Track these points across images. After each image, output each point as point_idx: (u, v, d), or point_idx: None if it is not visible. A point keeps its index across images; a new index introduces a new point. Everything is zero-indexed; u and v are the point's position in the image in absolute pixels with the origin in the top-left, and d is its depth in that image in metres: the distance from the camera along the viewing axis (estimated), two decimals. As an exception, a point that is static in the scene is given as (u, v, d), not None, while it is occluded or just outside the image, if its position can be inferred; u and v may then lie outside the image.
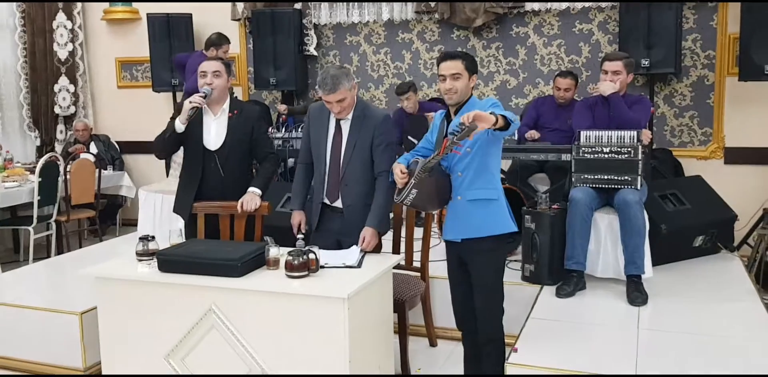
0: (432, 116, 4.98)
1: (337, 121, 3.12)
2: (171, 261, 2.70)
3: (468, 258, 2.79)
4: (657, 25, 4.82)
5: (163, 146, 3.41)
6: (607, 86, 3.67)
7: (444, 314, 3.78)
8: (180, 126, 3.30)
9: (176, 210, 3.55)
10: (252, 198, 3.31)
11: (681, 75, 5.18)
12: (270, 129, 5.54)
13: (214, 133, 3.39)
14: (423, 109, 5.37)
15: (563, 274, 3.67)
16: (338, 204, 3.17)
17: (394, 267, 3.02)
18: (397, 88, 5.39)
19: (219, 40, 5.64)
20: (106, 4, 6.73)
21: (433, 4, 5.62)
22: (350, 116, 3.09)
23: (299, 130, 5.42)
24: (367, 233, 3.01)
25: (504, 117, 2.52)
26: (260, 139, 3.51)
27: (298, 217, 3.27)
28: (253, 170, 3.66)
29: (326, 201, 3.19)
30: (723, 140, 5.16)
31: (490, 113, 2.47)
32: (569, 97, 4.83)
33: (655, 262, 3.75)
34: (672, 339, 3.01)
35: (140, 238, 2.89)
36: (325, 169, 3.15)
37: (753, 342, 2.96)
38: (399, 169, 2.73)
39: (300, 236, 3.06)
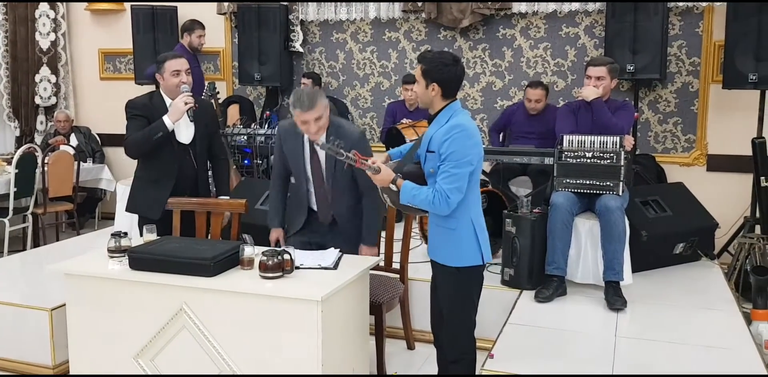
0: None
1: (311, 145, 3.06)
2: (142, 259, 2.65)
3: (435, 275, 2.74)
4: (643, 31, 4.82)
5: (148, 147, 3.32)
6: (589, 91, 3.66)
7: (422, 316, 3.74)
8: (171, 125, 3.29)
9: (143, 210, 3.45)
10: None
11: (666, 81, 5.19)
12: (253, 125, 5.50)
13: (184, 127, 3.39)
14: (419, 110, 5.35)
15: (543, 279, 3.65)
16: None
17: (373, 268, 2.99)
18: (406, 76, 5.40)
19: (191, 25, 5.69)
20: (90, -5, 6.64)
21: (420, 3, 5.58)
22: (323, 138, 2.95)
23: (282, 127, 5.37)
24: (366, 251, 3.15)
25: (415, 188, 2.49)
26: (215, 132, 3.62)
27: (276, 234, 3.32)
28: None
29: (314, 207, 3.26)
30: (706, 147, 5.17)
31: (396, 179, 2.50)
32: (540, 107, 4.91)
33: (635, 269, 3.75)
34: (649, 348, 3.00)
35: (112, 234, 2.83)
36: (309, 187, 3.20)
37: (729, 351, 2.96)
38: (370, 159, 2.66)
39: (246, 236, 3.03)
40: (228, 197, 3.54)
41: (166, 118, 3.29)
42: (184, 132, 3.40)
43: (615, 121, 3.63)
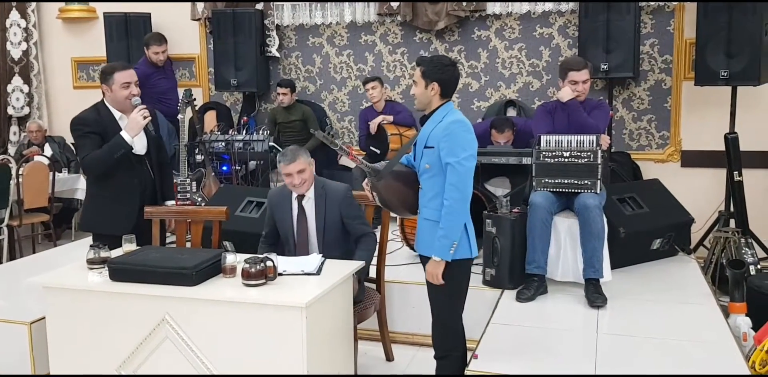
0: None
1: (300, 203, 3.20)
2: (123, 270, 2.62)
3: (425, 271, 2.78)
4: (616, 30, 4.89)
5: (110, 165, 3.24)
6: (565, 93, 3.70)
7: (402, 318, 3.76)
8: (131, 140, 3.24)
9: (108, 227, 3.29)
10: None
11: (639, 79, 5.26)
12: (231, 131, 5.48)
13: (137, 138, 3.32)
14: (389, 108, 5.37)
15: (524, 278, 3.68)
16: None
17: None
18: (365, 79, 5.43)
19: (147, 41, 5.70)
20: (61, 3, 6.56)
21: (395, 6, 5.60)
22: (312, 195, 3.18)
23: (260, 132, 5.36)
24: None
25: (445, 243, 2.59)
26: (159, 138, 3.57)
27: None
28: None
29: None
30: (680, 143, 5.25)
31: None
32: (509, 144, 4.65)
33: (614, 265, 3.79)
34: (631, 343, 3.04)
35: (91, 246, 2.81)
36: (294, 251, 3.21)
37: (709, 344, 3.01)
38: (364, 182, 2.79)
39: (227, 243, 3.02)
40: (173, 201, 3.52)
41: (125, 135, 3.22)
42: (138, 142, 3.32)
43: (591, 122, 3.67)
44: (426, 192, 2.68)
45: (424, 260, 2.74)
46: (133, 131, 3.23)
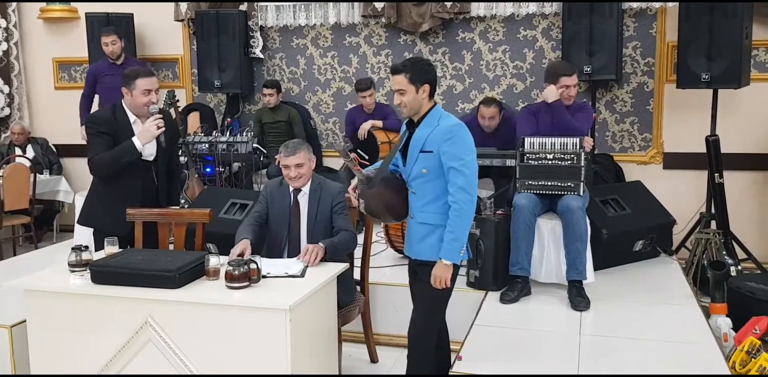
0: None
1: (295, 197, 3.21)
2: (104, 273, 2.60)
3: (414, 276, 2.78)
4: (599, 33, 4.92)
5: (116, 169, 3.26)
6: (550, 92, 3.73)
7: (386, 320, 3.76)
8: (141, 148, 3.25)
9: (104, 225, 3.35)
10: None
11: (622, 81, 5.30)
12: (214, 133, 5.45)
13: (148, 144, 3.32)
14: (378, 110, 5.37)
15: (508, 280, 3.70)
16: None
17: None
18: (358, 83, 5.33)
19: (100, 32, 5.64)
20: (42, 3, 6.49)
21: (379, 8, 5.60)
22: (307, 190, 3.19)
23: (244, 134, 5.34)
24: (311, 246, 2.95)
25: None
26: (174, 148, 3.60)
27: (242, 246, 2.91)
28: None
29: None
30: (662, 145, 5.30)
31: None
32: (494, 125, 4.79)
33: (597, 267, 3.81)
34: (613, 345, 3.06)
35: (73, 248, 2.78)
36: (285, 245, 3.20)
37: (691, 345, 3.04)
38: (350, 187, 2.80)
39: (211, 245, 2.98)
40: (177, 207, 3.54)
41: (136, 141, 3.23)
42: (147, 149, 3.33)
43: (574, 124, 3.70)
44: (422, 197, 2.65)
45: (415, 264, 2.73)
46: (145, 139, 3.24)
